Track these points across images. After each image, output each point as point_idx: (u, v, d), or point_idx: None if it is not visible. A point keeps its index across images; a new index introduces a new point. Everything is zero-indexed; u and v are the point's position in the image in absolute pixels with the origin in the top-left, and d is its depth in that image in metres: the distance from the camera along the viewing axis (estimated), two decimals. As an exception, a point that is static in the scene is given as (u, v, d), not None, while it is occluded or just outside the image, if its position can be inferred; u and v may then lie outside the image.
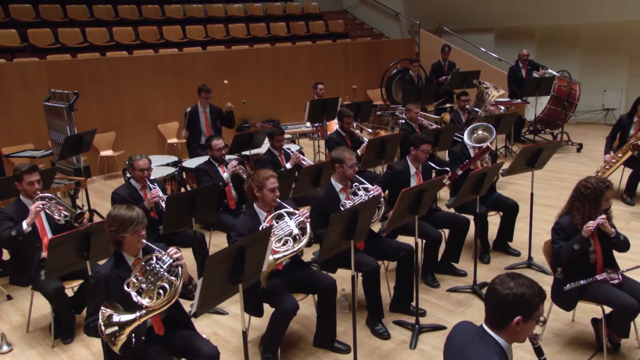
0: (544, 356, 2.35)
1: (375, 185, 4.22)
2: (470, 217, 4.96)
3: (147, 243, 2.99)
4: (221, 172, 5.51)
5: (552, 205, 6.10)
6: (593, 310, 3.81)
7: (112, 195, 4.77)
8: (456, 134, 6.70)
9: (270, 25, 12.73)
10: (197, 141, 7.56)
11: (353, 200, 4.11)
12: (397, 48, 13.10)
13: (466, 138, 5.35)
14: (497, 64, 11.86)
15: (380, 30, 14.87)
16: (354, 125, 6.86)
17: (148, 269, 2.87)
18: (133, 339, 2.71)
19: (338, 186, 4.22)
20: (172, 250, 2.95)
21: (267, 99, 11.19)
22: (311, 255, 5.12)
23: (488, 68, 11.42)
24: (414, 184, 4.68)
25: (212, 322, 4.40)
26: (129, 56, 9.97)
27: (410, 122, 7.09)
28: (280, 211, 3.74)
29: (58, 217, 4.24)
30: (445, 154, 6.39)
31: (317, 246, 4.37)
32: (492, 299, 2.15)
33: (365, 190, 4.17)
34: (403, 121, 7.43)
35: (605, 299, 3.46)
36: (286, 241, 3.57)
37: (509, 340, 2.18)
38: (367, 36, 14.19)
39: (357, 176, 4.24)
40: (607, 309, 3.52)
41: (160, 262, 2.89)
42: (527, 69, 9.69)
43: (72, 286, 4.28)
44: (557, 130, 9.64)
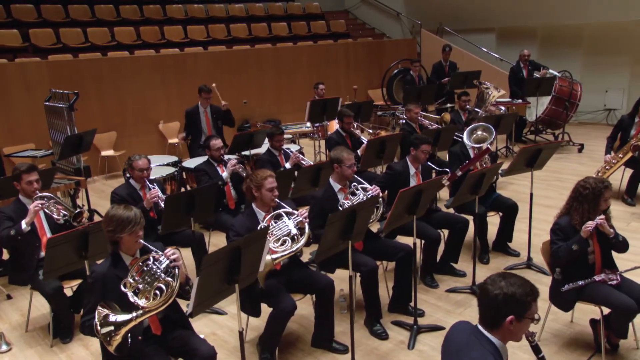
0: (541, 354, 2.34)
1: (373, 185, 4.22)
2: (469, 217, 4.96)
3: (144, 243, 3.00)
4: (220, 172, 5.51)
5: (552, 205, 6.08)
6: (592, 311, 3.79)
7: (111, 195, 4.78)
8: (456, 134, 6.69)
9: (271, 25, 12.74)
10: (198, 141, 7.56)
11: (352, 200, 4.11)
12: (399, 48, 13.08)
13: (465, 138, 5.35)
14: (499, 64, 11.83)
15: (381, 30, 14.86)
16: (354, 126, 6.86)
17: (145, 269, 2.87)
18: (129, 340, 2.71)
19: (337, 186, 4.22)
20: (169, 251, 2.95)
21: (268, 99, 11.19)
22: (309, 255, 5.11)
23: (489, 68, 11.40)
24: (414, 185, 4.67)
25: (210, 322, 4.40)
26: (130, 56, 9.98)
27: (411, 122, 7.09)
28: (278, 211, 3.74)
29: (57, 217, 4.25)
30: (446, 154, 6.37)
31: (316, 246, 4.36)
32: (484, 299, 2.16)
33: (364, 190, 4.17)
34: (403, 121, 7.43)
35: (603, 299, 3.46)
36: (284, 241, 3.57)
37: (503, 340, 2.18)
38: (369, 36, 14.17)
39: (356, 176, 4.24)
40: (606, 310, 3.51)
41: (157, 263, 2.89)
42: (528, 69, 9.67)
43: (71, 286, 4.28)
44: (558, 130, 9.62)
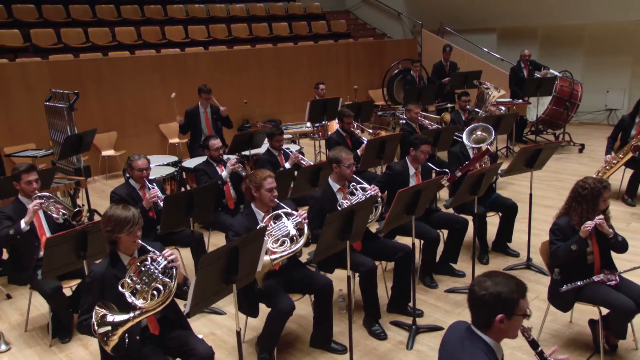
0: (539, 348, 2.34)
1: (372, 185, 4.21)
2: (469, 217, 4.95)
3: (142, 243, 3.00)
4: (220, 172, 5.51)
5: (552, 206, 6.06)
6: (591, 312, 3.79)
7: (110, 195, 4.78)
8: (456, 134, 6.68)
9: (272, 25, 12.74)
10: (198, 141, 7.55)
11: (350, 200, 4.11)
12: (400, 48, 13.06)
13: (465, 138, 5.34)
14: (500, 64, 11.82)
15: (382, 31, 14.85)
16: (355, 126, 6.85)
17: (143, 270, 2.87)
18: (126, 340, 2.71)
19: (335, 186, 4.22)
20: (167, 252, 2.96)
21: (268, 99, 11.19)
22: (306, 255, 5.11)
23: (490, 68, 11.39)
24: (413, 185, 4.66)
25: (209, 322, 4.41)
26: (130, 56, 9.99)
27: (411, 122, 7.09)
28: (277, 212, 3.73)
29: (56, 216, 4.25)
30: (446, 155, 6.37)
31: (315, 246, 4.36)
32: (472, 301, 2.19)
33: (363, 190, 4.17)
34: (404, 121, 7.42)
35: (602, 300, 3.45)
36: (283, 242, 3.57)
37: (497, 339, 2.19)
38: (370, 36, 14.17)
39: (355, 176, 4.24)
40: (604, 311, 3.50)
41: (155, 264, 2.89)
42: (529, 69, 9.66)
43: (70, 285, 4.29)
44: (559, 130, 9.60)
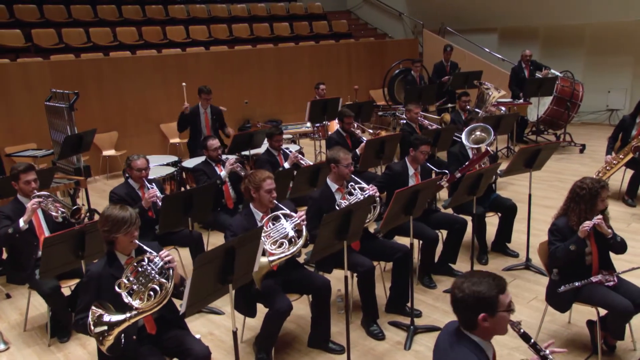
0: (532, 340, 2.34)
1: (371, 185, 4.21)
2: (468, 217, 4.94)
3: (139, 244, 3.00)
4: (218, 172, 5.51)
5: (552, 206, 6.01)
6: (589, 312, 3.77)
7: (110, 195, 4.79)
8: (456, 135, 6.68)
9: (273, 25, 12.75)
10: (198, 141, 7.56)
11: (349, 200, 4.10)
12: (401, 48, 13.06)
13: (464, 139, 5.33)
14: (501, 64, 11.81)
15: (383, 31, 14.85)
16: (355, 126, 6.85)
17: (140, 270, 2.88)
18: (122, 341, 2.71)
19: (334, 186, 4.21)
20: (164, 252, 2.96)
21: (269, 99, 11.19)
22: (304, 255, 5.10)
23: (491, 68, 11.37)
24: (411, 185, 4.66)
25: (207, 322, 4.41)
26: (131, 56, 10.00)
27: (411, 122, 7.08)
28: (276, 213, 3.73)
29: (55, 214, 4.25)
30: (445, 155, 6.36)
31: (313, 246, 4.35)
32: (454, 304, 2.22)
33: (361, 190, 4.16)
34: (404, 121, 7.41)
35: (600, 300, 3.44)
36: (281, 244, 3.56)
37: (485, 337, 2.20)
38: (371, 36, 14.17)
39: (353, 176, 4.23)
40: (602, 311, 3.50)
41: (151, 264, 2.90)
42: (529, 69, 9.65)
43: (69, 285, 4.29)
44: (559, 131, 9.58)
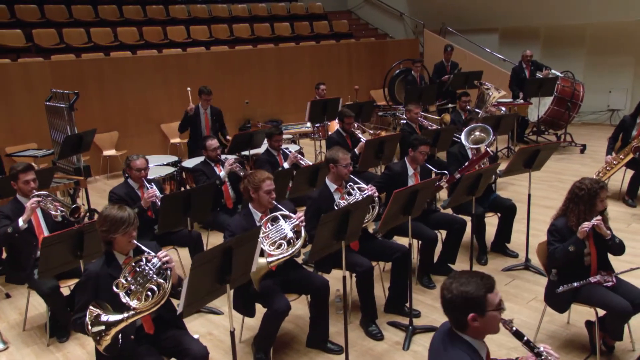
0: (525, 337, 2.33)
1: (370, 185, 4.21)
2: (467, 218, 4.94)
3: (137, 244, 3.01)
4: (218, 172, 5.52)
5: (553, 206, 5.96)
6: (588, 313, 3.77)
7: (109, 195, 4.79)
8: (455, 136, 6.67)
9: (274, 25, 12.75)
10: (198, 141, 7.56)
11: (348, 200, 4.10)
12: (401, 48, 13.05)
13: (463, 139, 5.32)
14: (501, 65, 11.80)
15: (384, 31, 14.84)
16: (355, 126, 6.84)
17: (137, 270, 2.88)
18: (119, 341, 2.71)
19: (333, 186, 4.21)
20: (162, 253, 2.97)
21: (270, 99, 11.20)
22: (302, 255, 5.10)
23: (492, 68, 11.37)
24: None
25: (206, 322, 4.41)
26: (132, 56, 10.01)
27: (411, 122, 7.08)
28: (275, 213, 3.73)
29: (55, 213, 4.25)
30: (445, 155, 6.36)
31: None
32: (443, 305, 2.21)
33: (360, 190, 4.15)
34: (404, 121, 7.41)
35: (598, 301, 3.44)
36: (280, 245, 3.56)
37: (477, 336, 2.21)
38: (372, 36, 14.16)
39: (352, 176, 4.23)
40: (601, 312, 3.49)
41: (149, 264, 2.90)
42: (530, 69, 9.64)
43: (68, 285, 4.29)
44: (560, 131, 9.57)
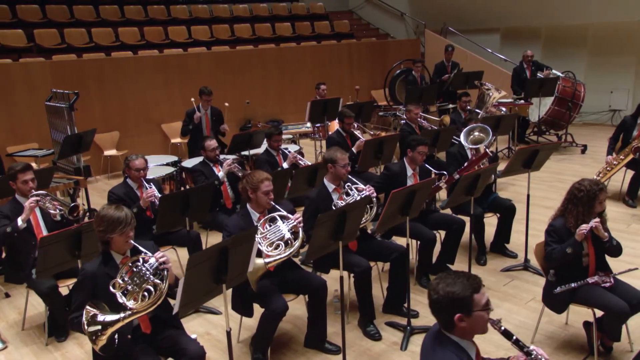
0: (514, 337, 2.33)
1: (368, 185, 4.20)
2: (466, 218, 4.93)
3: (134, 244, 3.01)
4: (216, 172, 5.53)
5: (552, 207, 5.94)
6: (587, 314, 3.75)
7: (108, 194, 4.80)
8: (454, 138, 6.65)
9: (275, 25, 12.75)
10: (198, 142, 7.56)
11: (346, 201, 4.10)
12: (403, 48, 13.04)
13: (462, 139, 5.32)
14: (503, 65, 11.78)
15: (385, 31, 14.83)
16: (355, 126, 6.84)
17: (134, 270, 2.88)
18: (115, 341, 2.71)
19: (331, 186, 4.21)
20: (159, 253, 2.97)
21: (271, 99, 11.20)
22: (300, 256, 5.10)
23: (493, 69, 11.35)
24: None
25: (205, 322, 4.41)
26: (133, 56, 10.03)
27: (411, 122, 7.07)
28: (273, 214, 3.72)
29: (54, 212, 4.26)
30: (444, 155, 6.35)
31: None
32: (430, 306, 2.21)
33: (358, 190, 4.15)
34: (404, 122, 7.40)
35: (596, 302, 3.43)
36: (278, 245, 3.56)
37: (465, 337, 2.21)
38: (373, 36, 14.15)
39: (350, 176, 4.23)
40: (599, 312, 3.48)
41: (146, 265, 2.90)
42: (531, 69, 9.63)
43: (67, 284, 4.30)
44: (561, 131, 9.55)
